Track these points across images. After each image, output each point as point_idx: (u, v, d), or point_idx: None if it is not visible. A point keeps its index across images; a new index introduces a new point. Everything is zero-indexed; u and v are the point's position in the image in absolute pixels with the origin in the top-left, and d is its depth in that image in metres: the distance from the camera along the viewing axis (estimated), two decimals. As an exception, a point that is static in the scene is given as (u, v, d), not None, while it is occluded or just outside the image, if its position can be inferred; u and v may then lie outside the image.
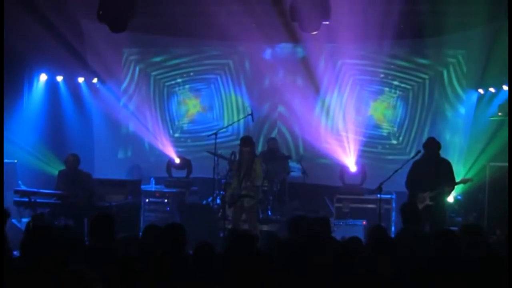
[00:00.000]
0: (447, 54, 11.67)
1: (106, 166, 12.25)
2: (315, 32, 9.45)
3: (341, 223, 9.65)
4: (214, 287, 4.61)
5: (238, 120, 12.15)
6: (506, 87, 10.47)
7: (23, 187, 9.71)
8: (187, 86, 13.00)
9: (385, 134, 12.16)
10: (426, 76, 11.84)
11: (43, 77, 11.66)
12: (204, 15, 11.01)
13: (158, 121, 12.96)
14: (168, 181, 11.33)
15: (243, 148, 9.10)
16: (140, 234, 6.60)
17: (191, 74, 12.95)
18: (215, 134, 10.02)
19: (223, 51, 12.73)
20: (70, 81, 12.24)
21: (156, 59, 13.00)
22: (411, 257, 5.19)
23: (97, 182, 9.53)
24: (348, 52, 11.85)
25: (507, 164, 9.43)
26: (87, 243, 5.87)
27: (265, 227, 10.04)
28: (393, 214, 10.22)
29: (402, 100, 12.01)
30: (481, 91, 11.18)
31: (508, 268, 4.64)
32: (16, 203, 8.72)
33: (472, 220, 9.97)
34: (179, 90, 13.04)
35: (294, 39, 11.18)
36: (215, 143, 9.99)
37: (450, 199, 9.88)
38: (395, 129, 12.07)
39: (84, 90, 12.51)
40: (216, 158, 10.12)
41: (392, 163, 10.72)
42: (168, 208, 10.74)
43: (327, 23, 9.30)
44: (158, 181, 11.44)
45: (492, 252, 4.95)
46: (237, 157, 9.20)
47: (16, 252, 5.35)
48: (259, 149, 11.93)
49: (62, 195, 8.80)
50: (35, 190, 8.88)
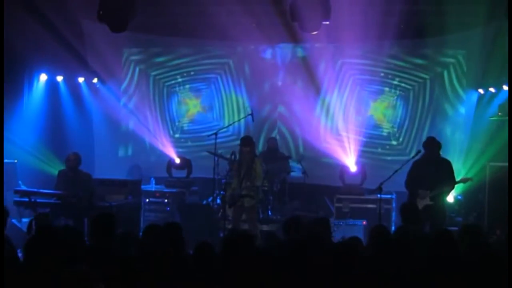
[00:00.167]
0: (447, 54, 11.66)
1: (106, 166, 12.22)
2: (315, 32, 9.43)
3: (341, 223, 9.66)
4: (214, 287, 4.61)
5: (238, 120, 12.16)
6: (506, 87, 10.47)
7: (23, 187, 9.69)
8: (187, 86, 12.99)
9: (385, 135, 12.15)
10: (426, 76, 11.84)
11: (43, 77, 11.63)
12: (204, 15, 10.99)
13: (158, 121, 12.95)
14: (168, 181, 11.33)
15: (243, 148, 9.10)
16: (141, 234, 6.60)
17: (192, 73, 12.94)
18: (215, 134, 10.04)
19: (223, 51, 12.72)
20: (70, 81, 12.22)
21: (156, 59, 12.97)
22: (411, 257, 5.19)
23: (97, 182, 9.52)
24: (348, 52, 11.89)
25: (507, 164, 9.43)
26: (87, 243, 5.87)
27: (265, 227, 10.04)
28: (393, 214, 10.24)
29: (402, 100, 12.00)
30: (481, 91, 11.18)
31: (508, 268, 4.64)
32: (16, 203, 8.72)
33: (472, 220, 9.97)
34: (179, 90, 13.03)
35: (294, 39, 11.17)
36: (215, 143, 10.00)
37: (450, 199, 9.89)
38: (395, 129, 12.06)
39: (84, 90, 12.48)
40: (216, 158, 10.12)
41: (392, 164, 10.73)
42: (168, 208, 10.74)
43: (327, 23, 9.29)
44: (158, 181, 11.45)
45: (492, 252, 4.94)
46: (237, 157, 9.20)
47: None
48: (259, 149, 11.93)
49: (62, 195, 8.78)
50: (35, 190, 8.87)
